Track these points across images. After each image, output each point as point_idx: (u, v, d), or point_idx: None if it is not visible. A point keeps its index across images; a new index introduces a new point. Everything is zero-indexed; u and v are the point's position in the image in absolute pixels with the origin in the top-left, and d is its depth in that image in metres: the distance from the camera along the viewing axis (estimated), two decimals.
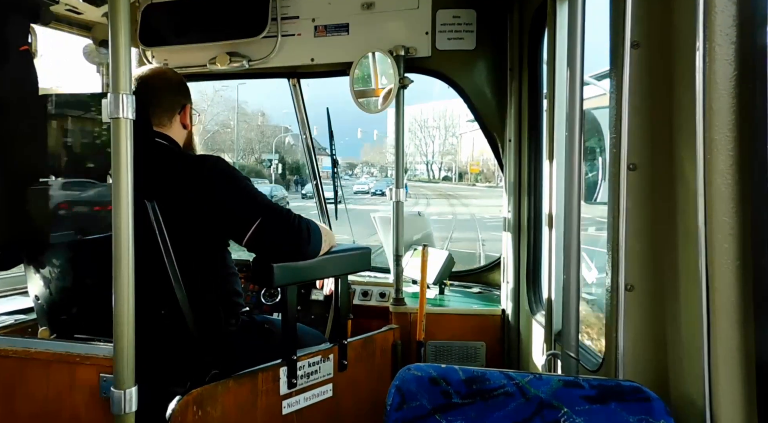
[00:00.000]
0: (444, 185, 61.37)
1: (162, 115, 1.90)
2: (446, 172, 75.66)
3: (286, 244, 1.76)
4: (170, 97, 1.94)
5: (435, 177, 76.03)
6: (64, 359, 1.60)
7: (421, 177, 77.61)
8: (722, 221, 1.00)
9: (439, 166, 77.54)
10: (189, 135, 2.03)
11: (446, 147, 74.46)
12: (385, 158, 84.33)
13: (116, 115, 1.32)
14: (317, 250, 1.83)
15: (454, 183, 65.88)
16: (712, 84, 1.00)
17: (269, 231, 1.72)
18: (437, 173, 77.28)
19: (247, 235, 1.71)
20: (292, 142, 53.17)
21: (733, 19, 0.99)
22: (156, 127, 1.86)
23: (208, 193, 1.71)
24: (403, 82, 2.49)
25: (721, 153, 1.00)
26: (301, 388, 1.83)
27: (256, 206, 1.74)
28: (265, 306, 2.82)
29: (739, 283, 1.01)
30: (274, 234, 1.73)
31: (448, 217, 24.06)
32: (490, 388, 1.23)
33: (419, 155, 80.00)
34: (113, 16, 1.33)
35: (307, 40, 2.71)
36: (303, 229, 1.78)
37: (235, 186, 1.75)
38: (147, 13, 2.77)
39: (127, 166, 1.34)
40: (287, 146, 52.37)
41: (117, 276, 1.35)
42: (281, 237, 1.75)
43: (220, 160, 1.81)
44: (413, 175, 79.70)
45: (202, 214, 1.70)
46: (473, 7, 2.53)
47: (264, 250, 1.77)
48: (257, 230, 1.70)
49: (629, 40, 1.20)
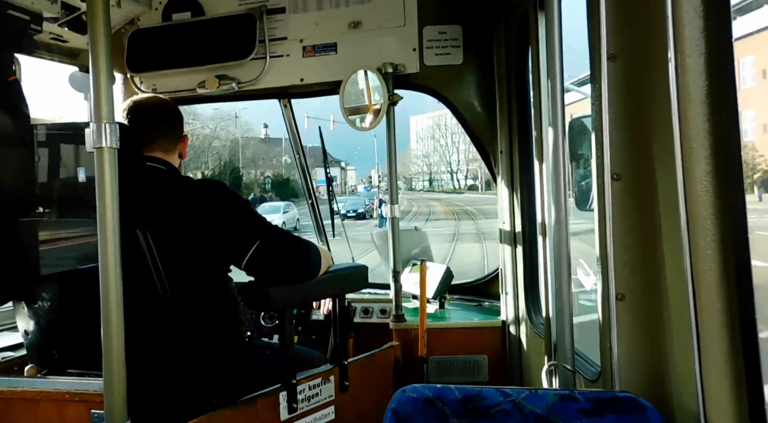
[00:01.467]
0: (469, 196, 58.36)
1: (169, 143, 1.90)
2: (473, 180, 73.72)
3: (287, 266, 1.76)
4: (176, 126, 1.97)
5: (460, 187, 74.12)
6: (53, 397, 1.56)
7: (446, 187, 76.08)
8: (704, 228, 1.01)
9: (465, 175, 76.01)
10: (179, 165, 2.03)
11: (473, 153, 69.20)
12: (408, 169, 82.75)
13: (99, 145, 1.31)
14: (317, 271, 1.83)
15: (481, 192, 63.14)
16: (685, 94, 1.01)
17: (269, 253, 1.72)
18: (462, 182, 75.39)
19: (246, 257, 1.70)
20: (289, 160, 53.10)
21: (700, 31, 1.00)
22: (158, 154, 1.85)
23: (209, 215, 1.70)
24: (393, 98, 2.50)
25: (698, 161, 1.00)
26: (302, 412, 1.82)
27: (256, 228, 1.74)
28: (265, 328, 2.80)
29: (723, 289, 1.01)
30: (274, 256, 1.73)
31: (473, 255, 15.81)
32: (487, 407, 1.22)
33: (443, 164, 78.46)
34: (93, 45, 1.33)
35: (296, 61, 2.72)
36: (303, 251, 1.78)
37: (235, 209, 1.76)
38: (133, 40, 2.77)
39: (113, 196, 1.33)
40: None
41: (105, 308, 1.33)
42: (281, 259, 1.75)
43: (221, 184, 1.83)
44: (436, 184, 76.46)
45: (203, 237, 1.69)
46: (459, 22, 2.54)
47: (263, 272, 1.75)
48: (257, 252, 1.69)
49: (606, 53, 1.21)
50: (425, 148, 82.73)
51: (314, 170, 4.47)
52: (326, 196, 3.29)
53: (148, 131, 1.86)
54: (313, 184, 3.49)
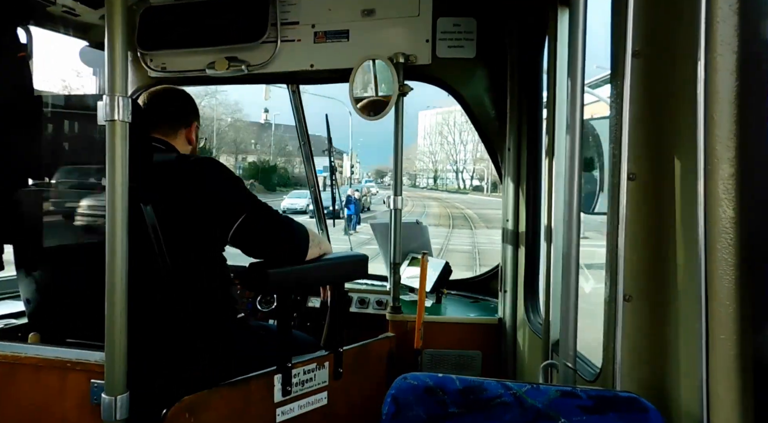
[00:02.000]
0: (473, 197, 57.18)
1: (166, 126, 1.95)
2: (478, 181, 72.67)
3: (271, 239, 1.79)
4: (175, 109, 2.00)
5: (465, 187, 73.36)
6: (54, 365, 1.57)
7: (450, 187, 75.43)
8: (723, 231, 0.99)
9: (471, 175, 75.32)
10: (192, 151, 2.07)
11: (480, 152, 67.43)
12: (413, 165, 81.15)
13: (112, 118, 1.31)
14: (304, 250, 1.85)
15: (487, 194, 62.51)
16: (714, 94, 0.99)
17: (255, 225, 1.75)
18: (468, 182, 74.54)
19: (232, 229, 1.73)
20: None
21: (734, 29, 0.98)
22: (157, 135, 1.91)
23: (201, 186, 1.73)
24: (403, 89, 2.48)
25: (723, 163, 0.99)
26: (296, 395, 1.82)
27: (245, 201, 1.78)
28: (261, 313, 2.80)
29: (738, 295, 1.00)
30: (260, 228, 1.76)
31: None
32: (487, 398, 1.22)
33: (449, 162, 77.63)
34: (110, 19, 1.33)
35: (307, 46, 2.70)
36: (288, 228, 1.82)
37: (226, 181, 1.79)
38: (145, 17, 2.75)
39: (122, 170, 1.33)
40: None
41: (110, 281, 1.34)
42: (266, 232, 1.78)
43: (214, 161, 1.86)
44: (440, 183, 74.93)
45: (196, 210, 1.71)
46: (473, 15, 2.53)
47: (249, 244, 1.78)
48: (243, 223, 1.73)
49: (630, 49, 1.19)
50: (432, 145, 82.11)
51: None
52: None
53: (150, 115, 1.91)
54: (316, 174, 3.48)
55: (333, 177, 3.28)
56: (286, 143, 56.18)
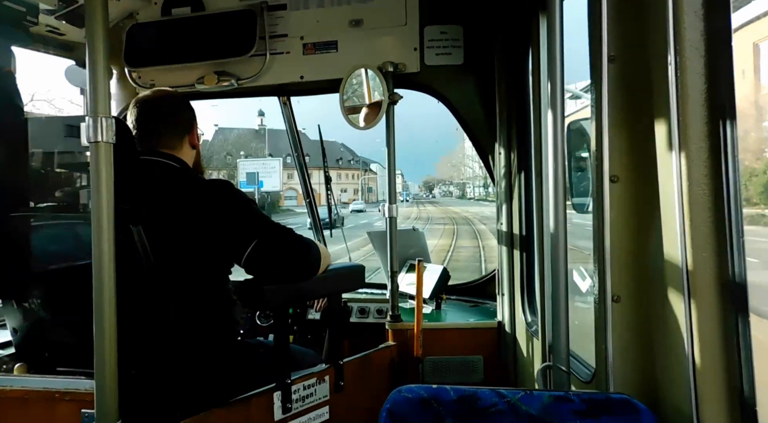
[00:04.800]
0: (484, 209, 53.76)
1: (172, 137, 1.89)
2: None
3: (285, 264, 1.75)
4: (178, 118, 1.94)
5: (474, 195, 69.90)
6: (42, 396, 1.53)
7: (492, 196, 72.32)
8: (700, 231, 1.01)
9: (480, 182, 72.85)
10: (197, 155, 2.02)
11: None
12: (459, 172, 76.08)
13: (95, 139, 1.29)
14: (316, 270, 1.82)
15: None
16: (685, 96, 1.01)
17: (267, 251, 1.70)
18: (475, 190, 71.89)
19: (244, 256, 1.69)
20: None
21: (701, 34, 1.00)
22: (165, 150, 1.85)
23: (212, 211, 1.70)
24: (393, 98, 2.49)
25: (696, 164, 1.00)
26: (297, 412, 1.81)
27: (255, 227, 1.73)
28: (261, 327, 2.80)
29: (718, 292, 1.01)
30: (272, 254, 1.72)
31: None
32: (482, 407, 1.22)
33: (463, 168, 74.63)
34: (91, 39, 1.32)
35: (296, 58, 2.71)
36: (303, 249, 1.76)
37: (237, 208, 1.74)
38: (132, 33, 2.75)
39: (107, 191, 1.30)
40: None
41: (98, 306, 1.30)
42: (279, 257, 1.73)
43: (228, 184, 1.82)
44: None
45: (203, 237, 1.68)
46: (460, 23, 2.54)
47: (262, 270, 1.74)
48: (254, 250, 1.68)
49: (606, 54, 1.21)
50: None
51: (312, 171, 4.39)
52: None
53: (153, 127, 1.86)
54: (311, 185, 3.48)
55: (328, 187, 3.28)
56: (288, 153, 54.67)
